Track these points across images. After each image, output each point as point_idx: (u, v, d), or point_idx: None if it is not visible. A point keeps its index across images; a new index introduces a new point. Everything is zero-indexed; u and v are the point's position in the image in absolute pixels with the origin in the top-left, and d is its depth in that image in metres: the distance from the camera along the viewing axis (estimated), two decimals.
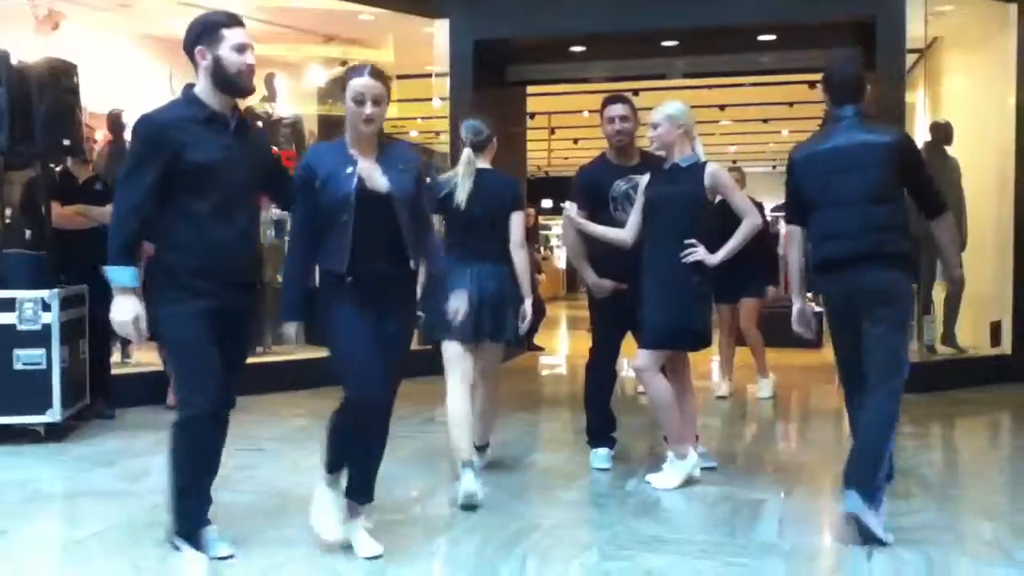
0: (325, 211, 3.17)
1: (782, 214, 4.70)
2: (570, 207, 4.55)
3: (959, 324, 7.68)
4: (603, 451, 4.67)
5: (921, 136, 8.02)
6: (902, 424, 5.65)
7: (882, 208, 3.54)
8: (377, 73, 3.19)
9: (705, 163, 4.32)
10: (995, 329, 7.64)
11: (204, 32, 3.11)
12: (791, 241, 3.86)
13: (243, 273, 3.21)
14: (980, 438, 6.05)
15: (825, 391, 6.81)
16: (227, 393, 3.21)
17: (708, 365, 7.73)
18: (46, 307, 5.08)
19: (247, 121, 3.28)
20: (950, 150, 7.68)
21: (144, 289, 3.17)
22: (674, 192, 4.24)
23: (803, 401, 7.13)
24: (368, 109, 3.14)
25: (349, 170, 3.13)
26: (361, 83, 3.15)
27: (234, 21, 3.14)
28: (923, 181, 3.69)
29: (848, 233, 3.53)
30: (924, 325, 7.63)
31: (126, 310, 3.08)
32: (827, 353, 6.57)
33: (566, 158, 18.84)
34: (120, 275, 3.06)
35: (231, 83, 3.11)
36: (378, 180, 3.14)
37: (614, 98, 4.68)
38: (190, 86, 3.18)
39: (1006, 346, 7.51)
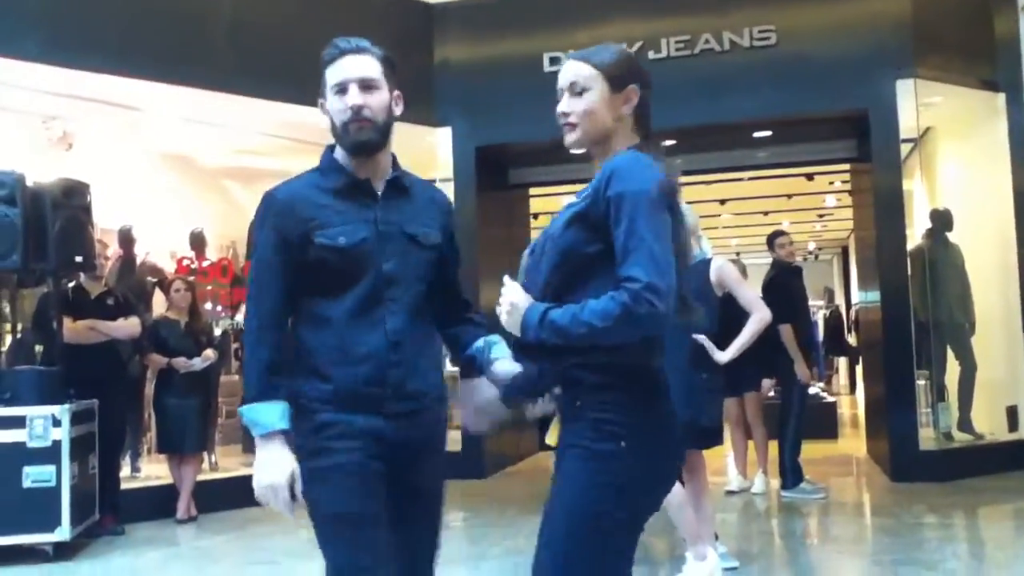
0: None
1: None
2: None
3: (974, 410, 7.61)
4: None
5: (921, 223, 8.12)
6: (923, 515, 5.62)
7: None
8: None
9: (711, 259, 4.36)
10: (1011, 413, 7.56)
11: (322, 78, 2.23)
12: None
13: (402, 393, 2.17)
14: (1005, 528, 5.91)
15: (843, 484, 6.70)
16: None
17: (722, 460, 7.63)
18: (56, 423, 5.07)
19: (406, 183, 2.26)
20: (951, 236, 7.75)
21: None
22: None
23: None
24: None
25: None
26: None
27: (339, 52, 2.18)
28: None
29: None
30: (939, 412, 7.56)
31: (274, 468, 2.04)
32: (843, 444, 6.51)
33: None
34: (261, 414, 2.06)
35: (340, 141, 2.20)
36: None
37: None
38: (332, 148, 2.26)
39: (1023, 430, 7.42)
